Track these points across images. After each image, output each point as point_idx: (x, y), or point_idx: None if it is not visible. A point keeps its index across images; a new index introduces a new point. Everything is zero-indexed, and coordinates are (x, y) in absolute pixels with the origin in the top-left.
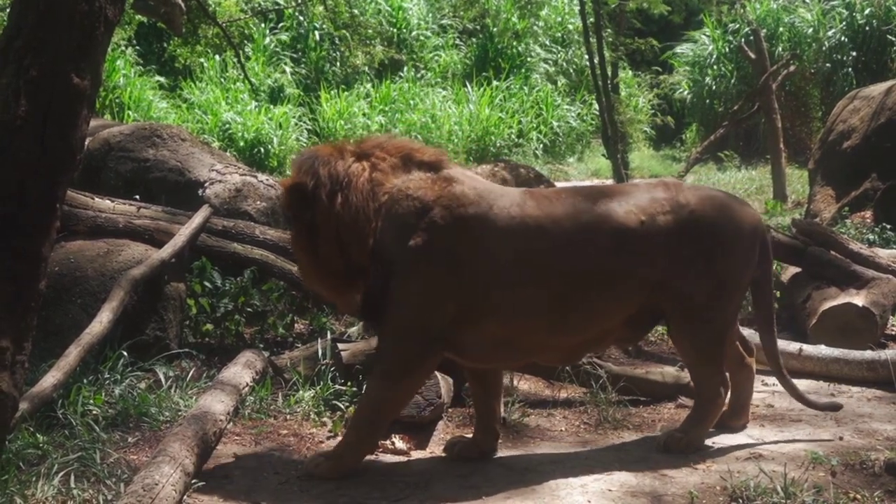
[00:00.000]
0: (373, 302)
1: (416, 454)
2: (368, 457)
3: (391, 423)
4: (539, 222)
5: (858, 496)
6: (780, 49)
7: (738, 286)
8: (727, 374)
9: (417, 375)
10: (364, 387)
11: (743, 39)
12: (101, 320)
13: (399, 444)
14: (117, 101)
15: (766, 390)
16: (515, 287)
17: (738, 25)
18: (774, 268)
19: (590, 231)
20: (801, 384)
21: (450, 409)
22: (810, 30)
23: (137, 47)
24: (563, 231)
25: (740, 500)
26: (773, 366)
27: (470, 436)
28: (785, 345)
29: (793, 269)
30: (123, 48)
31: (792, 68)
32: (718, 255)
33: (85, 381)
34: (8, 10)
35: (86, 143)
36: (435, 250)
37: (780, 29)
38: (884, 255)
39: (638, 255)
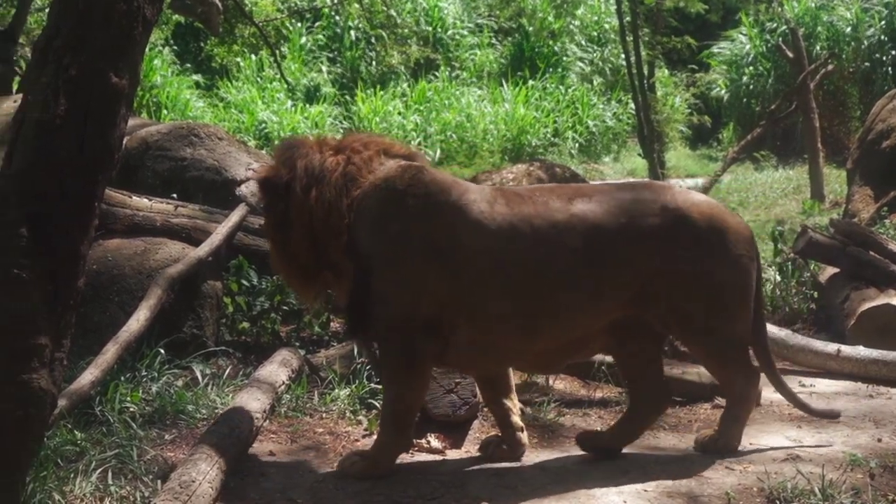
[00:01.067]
0: (359, 303)
1: (452, 453)
2: (404, 456)
3: (426, 422)
4: (507, 220)
5: None
6: (818, 48)
7: (736, 292)
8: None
9: (418, 366)
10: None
11: (781, 38)
12: (139, 318)
13: (434, 443)
14: (154, 100)
15: (803, 391)
16: (486, 286)
17: (775, 24)
18: (812, 268)
19: (560, 231)
20: (839, 385)
21: (485, 408)
22: (849, 28)
23: (175, 47)
24: (531, 230)
25: (777, 502)
26: (767, 372)
27: None
28: (823, 346)
29: (831, 270)
30: (161, 48)
31: (830, 67)
32: (708, 261)
33: (122, 378)
34: (48, 9)
35: (124, 142)
36: (410, 237)
37: (819, 28)
38: None
39: (615, 259)
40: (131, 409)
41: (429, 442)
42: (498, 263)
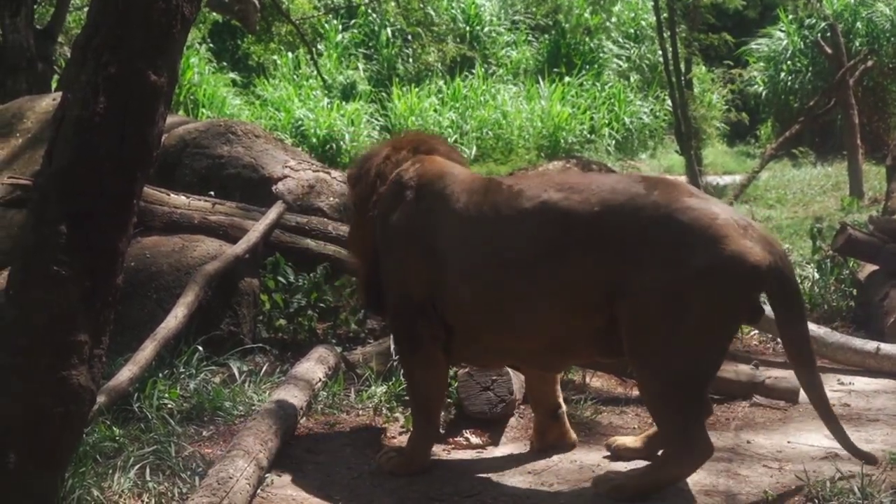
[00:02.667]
0: (373, 286)
1: (489, 450)
2: (441, 453)
3: (463, 419)
4: (477, 207)
5: None
6: (857, 44)
7: (706, 327)
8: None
9: (422, 350)
10: None
11: (819, 34)
12: (177, 315)
13: (472, 439)
14: (192, 98)
15: (842, 389)
16: (458, 274)
17: (814, 20)
18: (851, 265)
19: (524, 219)
20: (878, 383)
21: (521, 406)
22: (888, 24)
23: (212, 45)
24: (496, 217)
25: (816, 501)
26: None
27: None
28: (862, 344)
29: (870, 267)
30: (198, 46)
31: (869, 63)
32: (682, 278)
33: (160, 375)
34: (87, 8)
35: (162, 139)
36: (402, 226)
37: (858, 24)
38: None
39: (580, 253)
40: (169, 406)
41: (467, 438)
42: (467, 251)
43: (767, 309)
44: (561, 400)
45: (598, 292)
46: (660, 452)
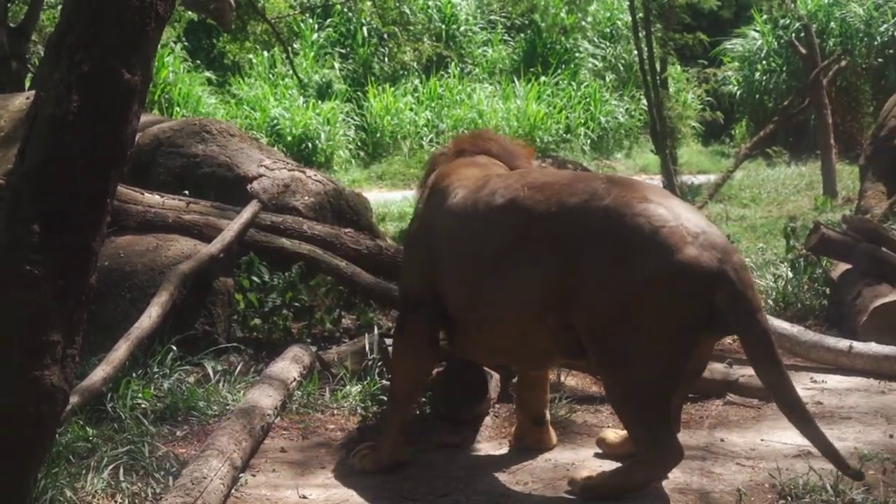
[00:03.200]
0: None
1: (464, 450)
2: (416, 452)
3: (439, 419)
4: (464, 203)
5: None
6: (831, 44)
7: (656, 331)
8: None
9: (409, 336)
10: None
11: (793, 34)
12: (150, 315)
13: (447, 438)
14: (166, 97)
15: (815, 387)
16: (446, 268)
17: (788, 20)
18: (825, 264)
19: (497, 216)
20: (851, 382)
21: (497, 405)
22: (862, 24)
23: (187, 43)
24: (475, 214)
25: (789, 498)
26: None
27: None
28: (835, 342)
29: (843, 266)
30: (173, 44)
31: (843, 64)
32: (632, 282)
33: (134, 375)
34: (60, 6)
35: (136, 138)
36: (416, 226)
37: (832, 24)
38: None
39: (546, 254)
40: (143, 406)
41: (442, 438)
42: (454, 247)
43: None
44: (547, 407)
45: (555, 295)
46: None
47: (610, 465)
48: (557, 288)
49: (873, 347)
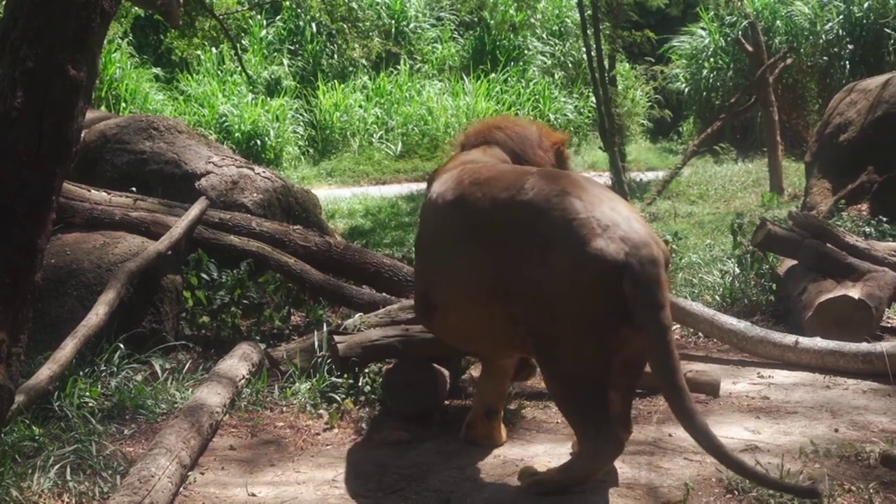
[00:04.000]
0: None
1: (413, 446)
2: (365, 449)
3: (387, 415)
4: (432, 198)
5: (854, 488)
6: (777, 42)
7: (574, 322)
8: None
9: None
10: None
11: (740, 32)
12: (98, 312)
13: (397, 434)
14: (114, 93)
15: (762, 382)
16: (422, 262)
17: (734, 18)
18: (771, 260)
19: (449, 209)
20: (797, 376)
21: (447, 402)
22: (807, 23)
23: (133, 39)
24: (435, 208)
25: (736, 492)
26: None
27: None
28: (781, 337)
29: (789, 262)
30: (120, 40)
31: (789, 61)
32: (550, 275)
33: (81, 373)
34: (4, 1)
35: (82, 134)
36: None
37: (778, 22)
38: (880, 247)
39: (477, 245)
40: (90, 405)
41: (392, 435)
42: (424, 236)
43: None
44: (502, 403)
45: (494, 288)
46: None
47: (559, 461)
48: (495, 282)
49: (819, 343)
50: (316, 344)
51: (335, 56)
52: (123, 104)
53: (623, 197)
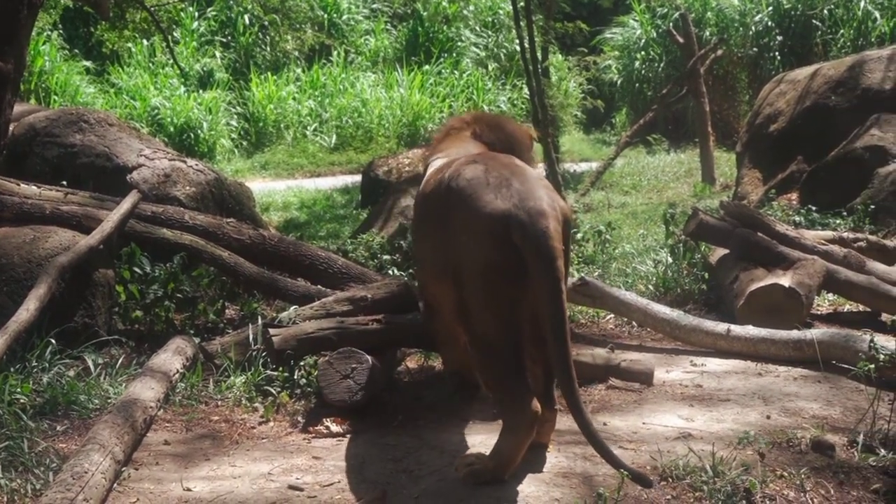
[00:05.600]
0: None
1: (349, 438)
2: (301, 443)
3: (323, 407)
4: (419, 189)
5: (785, 474)
6: (707, 33)
7: (479, 285)
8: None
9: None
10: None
11: (671, 23)
12: (28, 308)
13: (333, 427)
14: (43, 86)
15: (694, 370)
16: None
17: (666, 10)
18: (703, 249)
19: (428, 198)
20: (730, 364)
21: (383, 392)
22: (737, 14)
23: (63, 31)
24: (420, 196)
25: (670, 479)
26: (573, 413)
27: None
28: (713, 325)
29: (721, 251)
30: (49, 32)
31: (719, 52)
32: (458, 240)
33: (12, 369)
34: None
35: (10, 128)
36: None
37: (708, 13)
38: (809, 236)
39: (431, 230)
40: (22, 401)
41: (327, 427)
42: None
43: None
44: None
45: (446, 267)
46: None
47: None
48: (446, 260)
49: (750, 330)
50: (251, 337)
51: (268, 48)
52: (54, 97)
53: (556, 188)
